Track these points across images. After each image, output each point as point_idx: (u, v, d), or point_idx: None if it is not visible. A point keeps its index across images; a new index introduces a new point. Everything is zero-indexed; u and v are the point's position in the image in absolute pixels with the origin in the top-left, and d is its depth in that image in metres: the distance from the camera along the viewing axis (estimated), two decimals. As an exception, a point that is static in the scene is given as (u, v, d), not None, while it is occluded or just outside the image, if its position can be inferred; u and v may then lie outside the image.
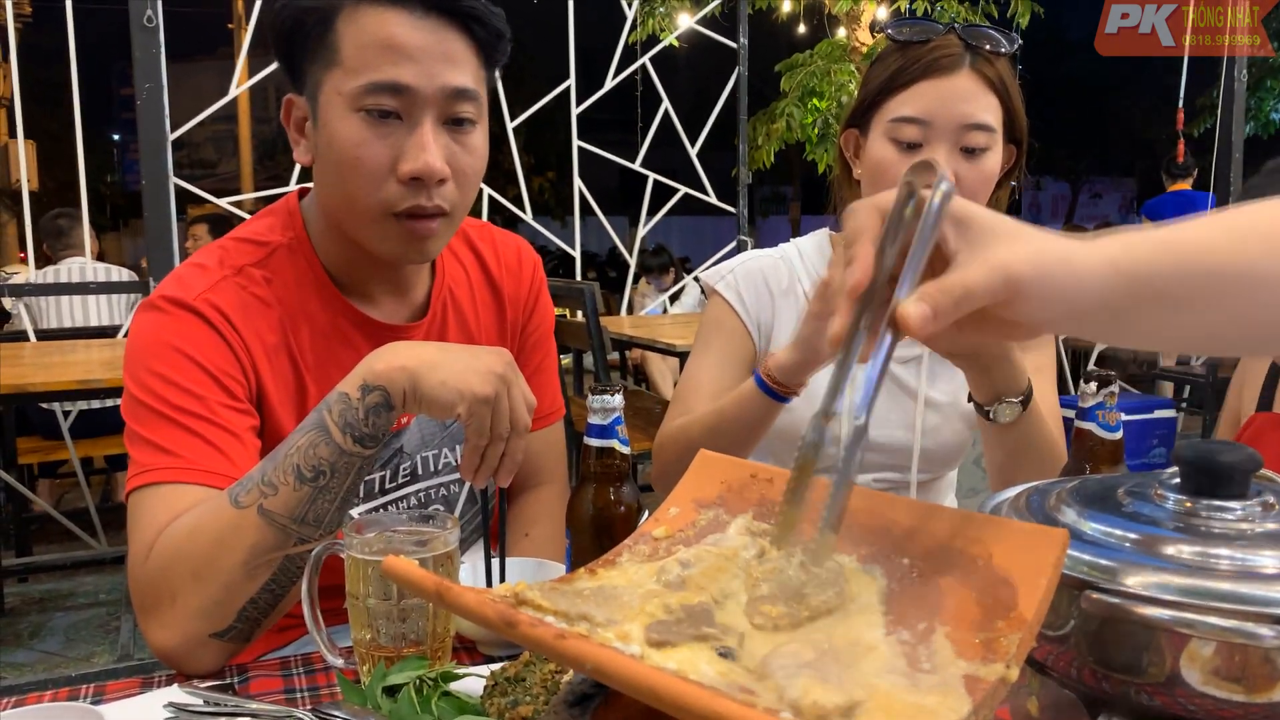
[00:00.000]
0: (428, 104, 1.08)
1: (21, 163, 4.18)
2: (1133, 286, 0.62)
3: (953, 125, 1.31)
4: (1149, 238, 0.64)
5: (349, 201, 1.12)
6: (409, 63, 1.07)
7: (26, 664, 3.31)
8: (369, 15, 1.07)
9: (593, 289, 3.59)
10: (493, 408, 1.00)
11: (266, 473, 1.00)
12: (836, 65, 9.64)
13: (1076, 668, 0.65)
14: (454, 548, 0.98)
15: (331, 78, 1.09)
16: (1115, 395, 1.07)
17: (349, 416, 1.00)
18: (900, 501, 0.64)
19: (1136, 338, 0.67)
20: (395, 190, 1.10)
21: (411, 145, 1.08)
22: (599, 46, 5.10)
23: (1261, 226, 0.65)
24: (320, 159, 1.14)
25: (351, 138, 1.08)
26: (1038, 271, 0.58)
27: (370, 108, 1.07)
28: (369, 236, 1.14)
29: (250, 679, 1.00)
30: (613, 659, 0.48)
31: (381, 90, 1.07)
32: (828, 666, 0.51)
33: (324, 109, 1.10)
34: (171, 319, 1.12)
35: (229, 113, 11.87)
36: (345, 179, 1.11)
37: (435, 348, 1.04)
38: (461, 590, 0.55)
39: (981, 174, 1.32)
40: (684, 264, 10.03)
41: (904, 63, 1.33)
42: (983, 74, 1.32)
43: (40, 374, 3.07)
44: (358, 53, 1.07)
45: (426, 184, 1.09)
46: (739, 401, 1.27)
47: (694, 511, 0.70)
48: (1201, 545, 0.63)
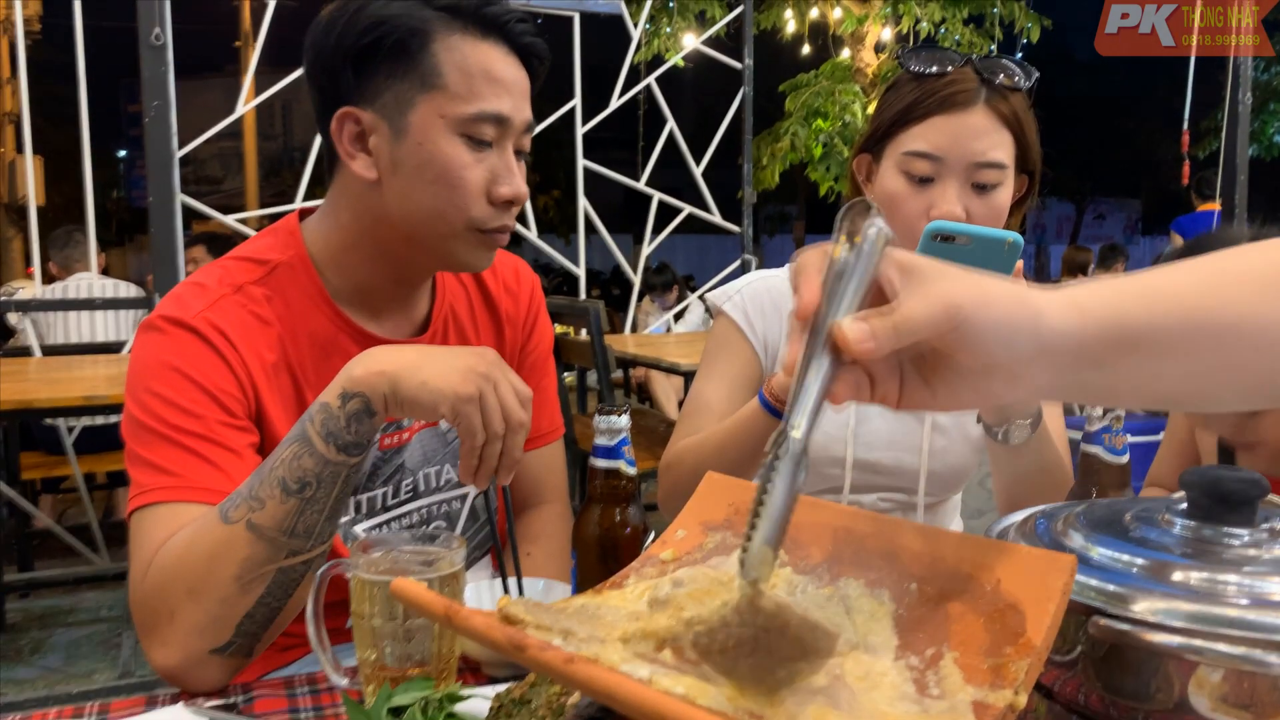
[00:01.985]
0: (513, 134, 1.18)
1: (29, 178, 4.20)
2: (1105, 330, 0.61)
3: (964, 163, 1.30)
4: (1118, 283, 0.63)
5: (438, 216, 1.17)
6: (507, 96, 1.16)
7: (27, 680, 3.30)
8: (469, 45, 1.14)
9: (597, 307, 3.60)
10: (481, 405, 1.00)
11: (254, 487, 1.01)
12: (841, 85, 9.69)
13: (1084, 694, 0.65)
14: (460, 568, 0.98)
15: (432, 99, 1.13)
16: (1121, 419, 1.07)
17: (331, 425, 1.00)
18: (907, 526, 0.64)
19: (1123, 391, 0.66)
20: (486, 210, 1.17)
21: (504, 171, 1.17)
22: (605, 67, 5.12)
23: (1250, 271, 0.65)
24: (406, 174, 1.15)
25: (457, 159, 1.14)
26: (983, 302, 0.57)
27: (474, 135, 1.14)
28: (447, 247, 1.19)
29: (255, 698, 1.00)
30: (621, 684, 0.48)
31: (487, 120, 1.14)
32: (839, 693, 0.51)
33: (420, 128, 1.14)
34: (170, 339, 1.12)
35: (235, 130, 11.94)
36: (440, 195, 1.15)
37: (415, 350, 1.04)
38: (470, 613, 0.55)
39: (992, 209, 1.32)
40: (688, 282, 10.04)
41: (919, 95, 1.33)
42: (997, 110, 1.31)
43: (44, 390, 3.07)
44: (464, 80, 1.13)
45: (517, 205, 1.19)
46: (744, 422, 1.27)
47: (701, 534, 0.70)
48: (1210, 571, 0.63)
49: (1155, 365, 0.63)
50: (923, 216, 1.33)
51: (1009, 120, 1.32)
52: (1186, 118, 5.10)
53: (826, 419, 1.46)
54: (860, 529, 0.65)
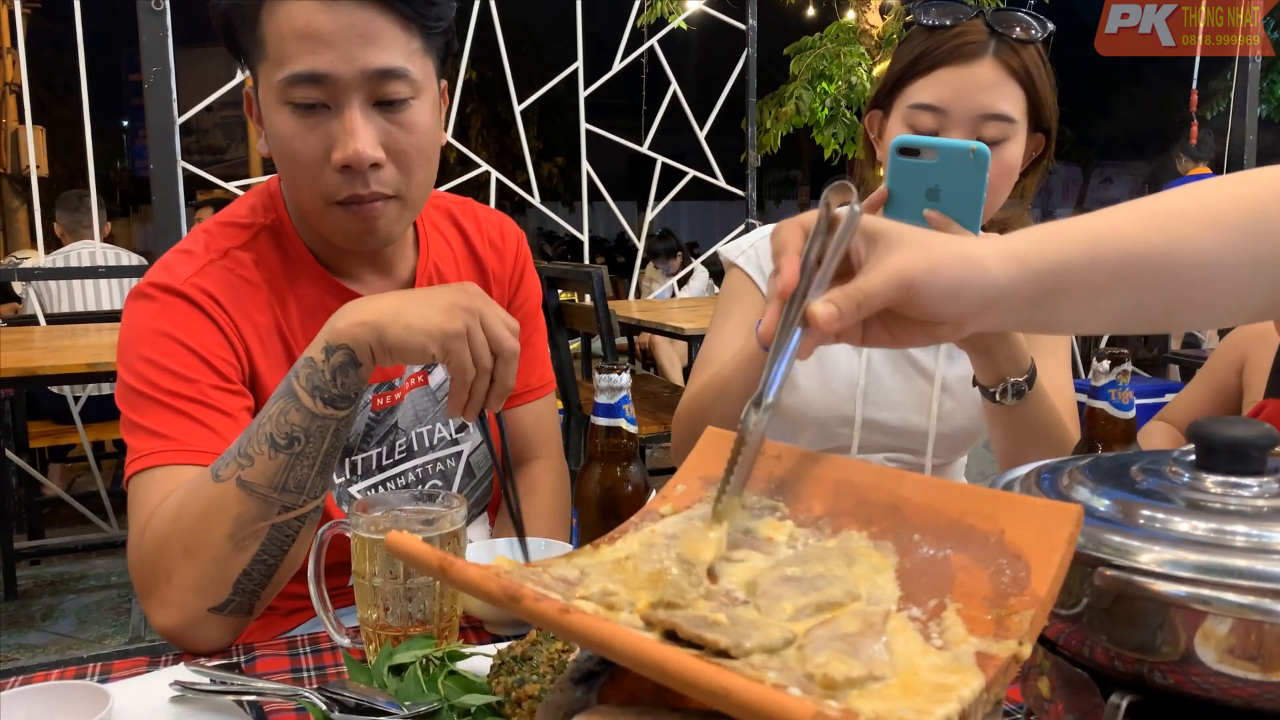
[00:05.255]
0: (351, 89, 1.05)
1: (30, 148, 4.18)
2: (1043, 278, 0.67)
3: (969, 115, 1.28)
4: (1064, 229, 0.69)
5: (295, 192, 1.13)
6: (326, 49, 1.04)
7: (39, 645, 3.33)
8: (288, 5, 1.04)
9: (601, 273, 3.57)
10: (469, 340, 0.99)
11: (243, 445, 1.01)
12: (845, 48, 9.58)
13: (1089, 646, 0.64)
14: (461, 526, 0.97)
15: (264, 72, 1.09)
16: (1128, 374, 1.05)
17: (316, 380, 1.00)
18: (910, 477, 0.64)
19: (1063, 325, 0.74)
20: (333, 180, 1.09)
21: (340, 133, 1.06)
22: (607, 29, 5.07)
23: (1183, 209, 0.70)
24: (271, 151, 1.13)
25: (285, 131, 1.08)
26: (931, 270, 0.64)
27: (296, 100, 1.06)
28: (320, 224, 1.15)
29: (257, 658, 1.00)
30: (617, 634, 0.48)
31: (302, 81, 1.05)
32: (859, 643, 0.51)
33: (262, 103, 1.11)
34: (160, 305, 1.12)
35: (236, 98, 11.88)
36: (287, 172, 1.12)
37: (394, 296, 1.03)
38: (465, 565, 0.54)
39: (999, 165, 1.29)
40: (692, 249, 10.00)
41: (927, 47, 1.31)
42: (1006, 63, 1.28)
43: (49, 357, 3.08)
44: (279, 44, 1.05)
45: (360, 171, 1.08)
46: (743, 360, 1.27)
47: (701, 489, 0.70)
48: (1217, 522, 0.62)
49: (1091, 302, 0.70)
50: None
51: (1019, 74, 1.29)
52: (1195, 77, 5.04)
53: (837, 379, 1.47)
54: (862, 481, 0.65)
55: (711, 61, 6.16)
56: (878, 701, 0.47)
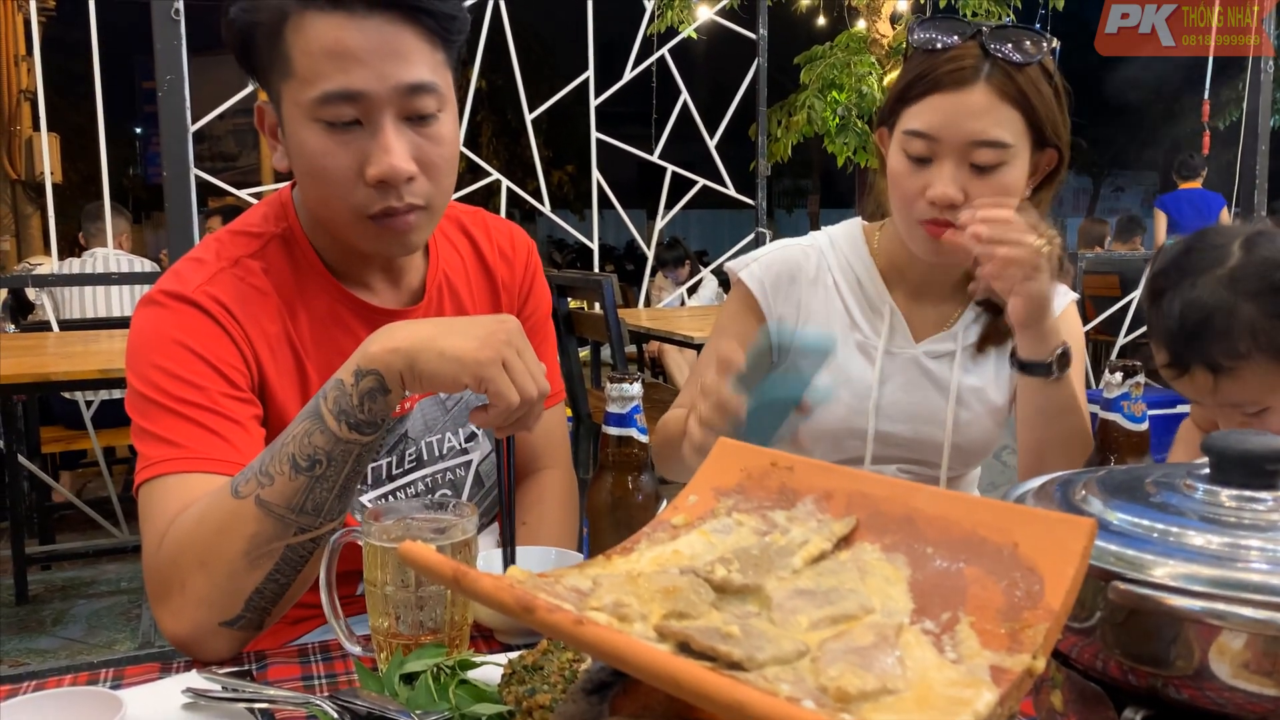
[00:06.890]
0: (384, 105, 1.06)
1: (44, 155, 4.21)
2: None
3: (960, 142, 1.27)
4: None
5: (324, 205, 1.13)
6: (359, 67, 1.04)
7: (49, 650, 3.34)
8: (313, 22, 1.04)
9: (611, 281, 3.58)
10: (508, 369, 0.96)
11: (264, 463, 1.00)
12: (856, 57, 9.59)
13: (1102, 660, 0.64)
14: (473, 535, 0.97)
15: (289, 89, 1.08)
16: (1141, 386, 1.05)
17: (343, 403, 0.99)
18: (923, 490, 0.64)
19: None
20: (365, 194, 1.09)
21: (375, 149, 1.06)
22: (617, 39, 5.07)
23: None
24: (293, 165, 1.13)
25: (315, 148, 1.07)
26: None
27: (329, 119, 1.06)
28: (350, 237, 1.15)
29: (268, 665, 1.00)
30: (631, 646, 0.48)
31: (335, 99, 1.04)
32: (873, 656, 0.51)
33: (287, 119, 1.10)
34: (171, 313, 1.12)
35: (248, 106, 11.94)
36: (314, 187, 1.11)
37: (432, 324, 1.01)
38: (478, 575, 0.54)
39: (995, 189, 1.28)
40: (701, 257, 9.99)
41: (922, 70, 1.30)
42: (1000, 87, 1.27)
43: (62, 364, 3.09)
44: (308, 62, 1.05)
45: (395, 185, 1.08)
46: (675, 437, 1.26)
47: (713, 499, 0.70)
48: (1231, 536, 0.62)
49: None
50: (919, 197, 1.31)
51: (1013, 96, 1.27)
52: (1207, 88, 5.02)
53: (850, 391, 1.47)
54: (876, 493, 0.65)
55: (722, 70, 6.17)
56: (891, 715, 0.47)
